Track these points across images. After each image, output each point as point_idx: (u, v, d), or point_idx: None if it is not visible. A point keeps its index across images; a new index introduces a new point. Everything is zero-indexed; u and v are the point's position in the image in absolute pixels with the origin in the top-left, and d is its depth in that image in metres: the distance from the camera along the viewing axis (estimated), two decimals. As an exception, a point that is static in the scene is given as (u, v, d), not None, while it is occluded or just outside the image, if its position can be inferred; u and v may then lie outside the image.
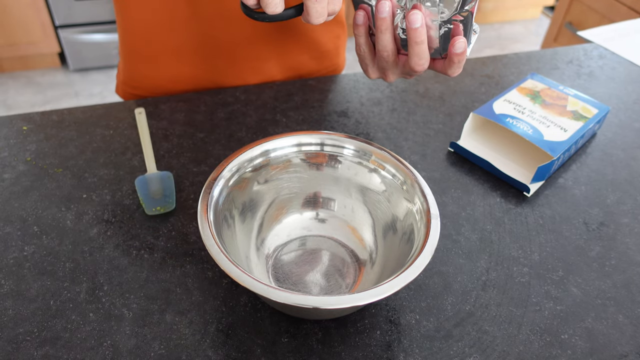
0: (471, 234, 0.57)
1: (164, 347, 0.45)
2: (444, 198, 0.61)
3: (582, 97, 0.72)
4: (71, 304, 0.48)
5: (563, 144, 0.63)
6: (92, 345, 0.44)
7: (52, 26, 2.16)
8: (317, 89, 0.78)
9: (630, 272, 0.54)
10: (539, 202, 0.61)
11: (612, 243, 0.57)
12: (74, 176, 0.61)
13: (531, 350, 0.46)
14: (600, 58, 0.91)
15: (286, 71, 0.82)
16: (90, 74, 2.32)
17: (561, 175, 0.65)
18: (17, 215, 0.56)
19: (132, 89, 0.82)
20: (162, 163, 0.63)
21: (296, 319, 0.47)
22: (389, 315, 0.48)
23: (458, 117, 0.74)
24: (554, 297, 0.51)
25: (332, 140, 0.53)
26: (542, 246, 0.56)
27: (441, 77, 0.83)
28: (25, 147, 0.65)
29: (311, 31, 0.80)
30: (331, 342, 0.46)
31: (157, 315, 0.47)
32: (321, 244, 0.53)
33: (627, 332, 0.48)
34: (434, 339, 0.46)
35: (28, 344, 0.44)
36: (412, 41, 0.48)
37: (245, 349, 0.45)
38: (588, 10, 1.87)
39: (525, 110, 0.68)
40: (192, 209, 0.57)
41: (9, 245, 0.53)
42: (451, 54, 0.49)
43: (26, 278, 0.50)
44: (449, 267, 0.53)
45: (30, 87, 2.22)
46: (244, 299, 0.49)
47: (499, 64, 0.88)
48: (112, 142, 0.66)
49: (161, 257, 0.52)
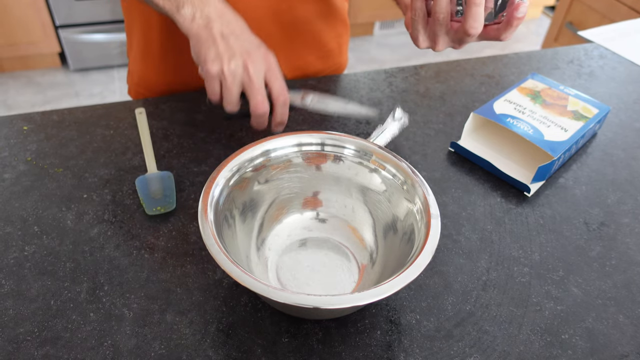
0: (471, 233, 0.57)
1: (165, 347, 0.45)
2: (444, 198, 0.61)
3: (582, 97, 0.72)
4: (72, 303, 0.48)
5: (563, 144, 0.63)
6: (93, 345, 0.44)
7: (53, 26, 2.16)
8: (317, 89, 0.78)
9: (630, 272, 0.53)
10: (539, 202, 0.61)
11: (612, 243, 0.57)
12: (75, 176, 0.61)
13: (532, 350, 0.46)
14: (601, 58, 0.91)
15: (293, 71, 0.82)
16: (91, 74, 2.32)
17: (562, 175, 0.65)
18: (18, 215, 0.56)
19: (145, 90, 0.82)
20: (162, 163, 0.63)
21: (296, 319, 0.47)
22: (389, 315, 0.48)
23: (458, 117, 0.74)
24: (555, 297, 0.50)
25: (333, 140, 0.53)
26: (543, 246, 0.56)
27: (441, 76, 0.83)
28: (25, 147, 0.65)
29: (316, 31, 0.80)
30: (332, 342, 0.46)
31: (157, 315, 0.47)
32: (322, 244, 0.53)
33: (627, 332, 0.48)
34: (435, 339, 0.46)
35: (28, 343, 0.44)
36: (471, 2, 0.49)
37: (245, 349, 0.45)
38: (588, 10, 1.87)
39: (525, 110, 0.68)
40: (192, 209, 0.57)
41: (9, 245, 0.53)
42: (512, 17, 0.50)
43: (27, 278, 0.50)
44: (450, 267, 0.53)
45: (30, 87, 2.22)
46: (245, 299, 0.49)
47: (499, 64, 0.88)
48: (113, 142, 0.66)
49: (162, 257, 0.52)
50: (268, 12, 0.74)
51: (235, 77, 0.54)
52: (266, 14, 0.74)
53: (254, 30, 0.58)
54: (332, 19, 0.81)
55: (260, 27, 0.74)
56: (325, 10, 0.79)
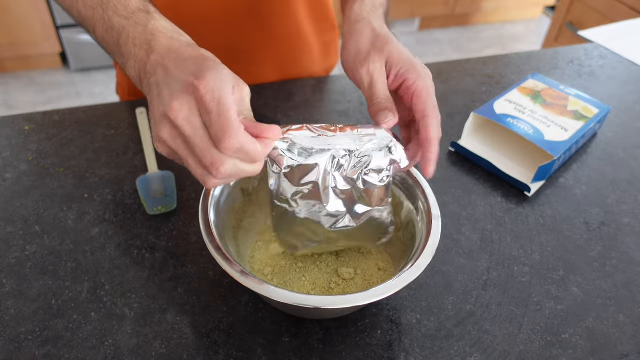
0: (472, 233, 0.57)
1: (165, 347, 0.45)
2: (444, 198, 0.61)
3: (582, 96, 0.72)
4: (73, 303, 0.48)
5: (564, 144, 0.63)
6: (94, 345, 0.44)
7: (54, 26, 2.16)
8: (317, 89, 0.78)
9: (631, 272, 0.54)
10: (539, 201, 0.61)
11: (612, 243, 0.57)
12: (76, 176, 0.61)
13: (532, 349, 0.46)
14: (601, 58, 0.91)
15: (274, 72, 0.80)
16: (92, 74, 2.32)
17: (562, 175, 0.65)
18: (19, 215, 0.56)
19: (130, 94, 0.81)
20: (163, 163, 0.63)
21: (297, 319, 0.47)
22: (390, 315, 0.48)
23: (459, 117, 0.74)
24: (555, 297, 0.51)
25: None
26: (543, 246, 0.56)
27: (442, 76, 0.83)
28: (27, 147, 0.65)
29: (303, 33, 0.78)
30: (332, 341, 0.46)
31: (158, 314, 0.47)
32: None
33: (627, 332, 0.48)
34: (435, 338, 0.46)
35: (30, 343, 0.44)
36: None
37: (246, 349, 0.45)
38: (589, 10, 1.87)
39: (526, 110, 0.68)
40: (193, 209, 0.57)
41: (10, 245, 0.53)
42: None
43: (28, 277, 0.50)
44: (450, 267, 0.53)
45: (31, 87, 2.22)
46: (245, 299, 0.49)
47: (499, 64, 0.88)
48: (114, 142, 0.66)
49: (162, 257, 0.52)
50: (242, 4, 0.70)
51: (172, 149, 0.37)
52: (241, 6, 0.70)
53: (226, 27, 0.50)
54: (317, 15, 0.78)
55: (235, 23, 0.71)
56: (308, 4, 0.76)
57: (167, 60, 0.37)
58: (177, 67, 0.36)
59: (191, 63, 0.36)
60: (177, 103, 0.34)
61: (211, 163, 0.35)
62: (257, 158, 0.36)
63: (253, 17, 0.72)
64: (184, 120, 0.35)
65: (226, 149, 0.34)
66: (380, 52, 0.45)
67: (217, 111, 0.34)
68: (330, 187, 0.42)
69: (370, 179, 0.43)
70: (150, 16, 0.40)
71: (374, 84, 0.45)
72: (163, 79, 0.36)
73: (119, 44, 0.41)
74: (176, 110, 0.34)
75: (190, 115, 0.35)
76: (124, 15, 0.41)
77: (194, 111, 0.35)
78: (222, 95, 0.34)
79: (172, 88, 0.35)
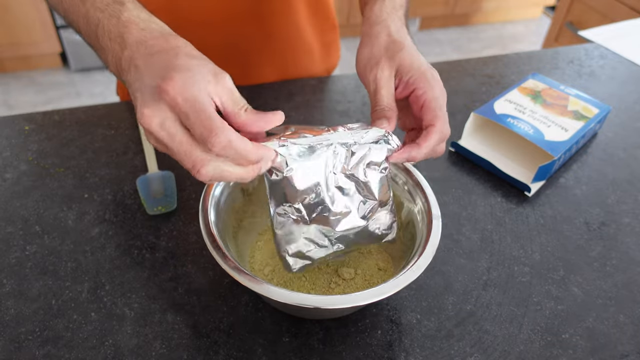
0: (472, 233, 0.57)
1: (166, 347, 0.45)
2: (445, 198, 0.61)
3: (583, 96, 0.72)
4: (73, 303, 0.48)
5: (564, 144, 0.63)
6: (94, 345, 0.44)
7: (54, 26, 2.16)
8: (318, 89, 0.78)
9: (631, 272, 0.54)
10: (540, 201, 0.61)
11: (613, 243, 0.57)
12: (76, 176, 0.61)
13: (532, 349, 0.46)
14: (601, 58, 0.91)
15: (281, 75, 0.80)
16: (92, 74, 2.32)
17: (562, 175, 0.65)
18: (19, 215, 0.56)
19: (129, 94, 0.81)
20: (163, 163, 0.63)
21: (297, 319, 0.47)
22: (390, 315, 0.48)
23: (459, 116, 0.74)
24: (555, 297, 0.51)
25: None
26: (543, 246, 0.56)
27: (442, 76, 0.83)
28: (27, 147, 0.65)
29: (303, 33, 0.78)
30: (332, 341, 0.46)
31: (158, 314, 0.47)
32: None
33: (628, 332, 0.48)
34: (435, 338, 0.46)
35: (30, 343, 0.44)
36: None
37: (246, 349, 0.45)
38: (589, 10, 1.87)
39: (526, 110, 0.68)
40: (193, 209, 0.57)
41: (10, 245, 0.53)
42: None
43: (28, 277, 0.50)
44: (450, 267, 0.53)
45: (31, 87, 2.22)
46: (245, 299, 0.49)
47: (499, 64, 0.88)
48: (114, 142, 0.66)
49: (162, 257, 0.52)
50: (243, 5, 0.70)
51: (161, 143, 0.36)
52: (241, 6, 0.70)
53: (226, 27, 0.50)
54: (317, 16, 0.79)
55: (235, 24, 0.72)
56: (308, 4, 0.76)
57: (137, 56, 0.36)
58: (146, 65, 0.35)
59: (159, 60, 0.35)
60: (148, 111, 0.34)
61: (192, 166, 0.34)
62: (248, 156, 0.35)
63: (253, 17, 0.72)
64: (157, 127, 0.34)
65: (214, 146, 0.33)
66: (391, 60, 0.45)
67: (193, 111, 0.33)
68: (334, 187, 0.42)
69: (372, 172, 0.43)
70: (123, 7, 0.39)
71: (378, 90, 0.45)
72: (134, 81, 0.36)
73: (97, 38, 0.40)
74: (148, 117, 0.34)
75: (164, 120, 0.34)
76: (99, 7, 0.40)
77: (168, 116, 0.34)
78: (194, 94, 0.33)
79: (143, 93, 0.34)
